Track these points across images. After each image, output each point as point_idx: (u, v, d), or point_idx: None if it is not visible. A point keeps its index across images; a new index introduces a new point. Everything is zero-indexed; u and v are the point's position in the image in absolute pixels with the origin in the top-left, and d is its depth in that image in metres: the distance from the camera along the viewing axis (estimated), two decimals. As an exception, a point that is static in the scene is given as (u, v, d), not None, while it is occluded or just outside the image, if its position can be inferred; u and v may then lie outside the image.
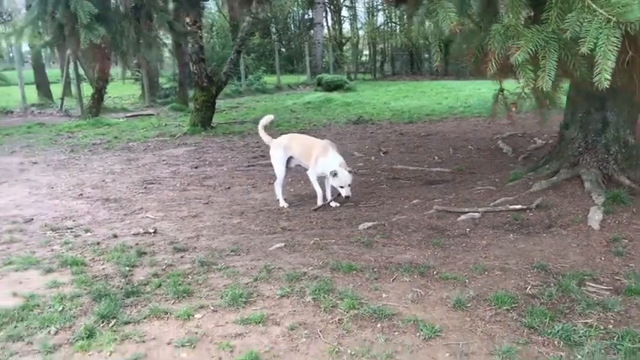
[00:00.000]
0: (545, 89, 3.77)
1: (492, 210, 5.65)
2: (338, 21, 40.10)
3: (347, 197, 6.04)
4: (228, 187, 7.58)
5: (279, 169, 6.46)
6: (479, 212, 5.60)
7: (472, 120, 13.66)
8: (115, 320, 3.54)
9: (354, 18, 40.65)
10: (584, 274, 4.09)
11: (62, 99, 19.06)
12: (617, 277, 4.07)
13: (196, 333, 3.38)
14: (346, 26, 41.38)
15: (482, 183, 6.84)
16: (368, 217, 5.79)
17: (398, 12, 32.11)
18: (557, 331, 3.26)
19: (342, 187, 6.01)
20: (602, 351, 3.05)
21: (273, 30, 38.06)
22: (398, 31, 37.66)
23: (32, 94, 21.59)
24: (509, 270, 4.22)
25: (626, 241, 4.77)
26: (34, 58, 22.26)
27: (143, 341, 3.31)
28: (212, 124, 13.35)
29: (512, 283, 3.99)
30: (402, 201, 6.37)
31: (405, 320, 3.45)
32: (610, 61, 3.29)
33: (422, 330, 3.32)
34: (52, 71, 25.60)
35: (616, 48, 3.30)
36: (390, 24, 38.82)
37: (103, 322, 3.52)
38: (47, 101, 21.02)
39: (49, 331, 3.43)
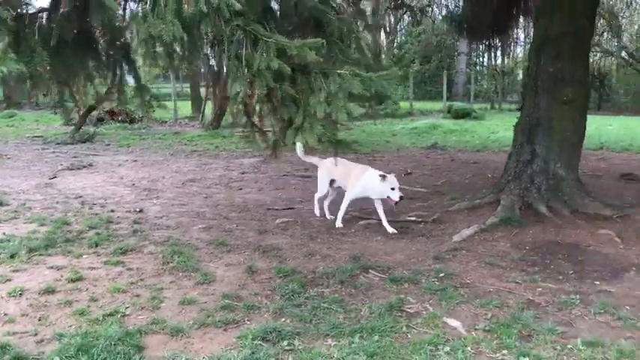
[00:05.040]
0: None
1: (392, 219, 6.64)
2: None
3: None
4: (240, 189, 9.25)
5: (321, 185, 7.22)
6: (377, 220, 6.62)
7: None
8: (35, 252, 5.40)
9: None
10: (380, 266, 5.11)
11: (202, 113, 22.37)
12: (405, 272, 5.01)
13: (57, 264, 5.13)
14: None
15: (431, 202, 7.74)
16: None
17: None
18: (285, 290, 4.46)
19: None
20: (291, 305, 4.21)
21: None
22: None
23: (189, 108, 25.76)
24: (329, 257, 5.37)
25: (464, 251, 5.60)
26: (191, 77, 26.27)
27: (37, 263, 5.13)
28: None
29: (314, 264, 5.17)
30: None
31: (204, 274, 4.85)
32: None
33: (201, 279, 4.72)
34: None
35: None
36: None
37: (27, 252, 5.40)
38: (197, 115, 24.63)
39: (-4, 254, 5.41)
